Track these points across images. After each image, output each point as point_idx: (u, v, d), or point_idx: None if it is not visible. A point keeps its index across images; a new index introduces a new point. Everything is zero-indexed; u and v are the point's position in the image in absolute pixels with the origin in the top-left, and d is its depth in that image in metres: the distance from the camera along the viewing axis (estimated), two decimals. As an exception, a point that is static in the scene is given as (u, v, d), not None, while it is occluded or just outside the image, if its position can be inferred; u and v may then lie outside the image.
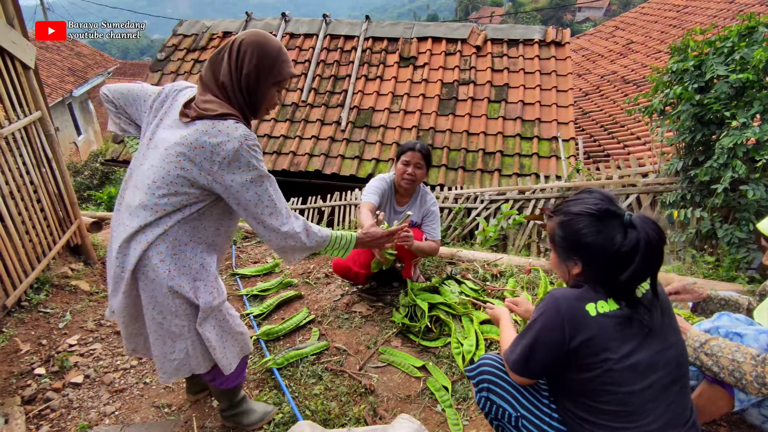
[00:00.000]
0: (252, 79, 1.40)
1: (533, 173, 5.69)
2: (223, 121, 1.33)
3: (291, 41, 7.91)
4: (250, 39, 1.40)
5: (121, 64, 20.68)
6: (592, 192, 1.21)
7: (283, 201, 1.46)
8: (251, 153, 1.35)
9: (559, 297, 1.18)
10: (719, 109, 3.15)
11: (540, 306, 1.21)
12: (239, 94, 1.40)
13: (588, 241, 1.16)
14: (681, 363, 1.19)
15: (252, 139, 1.36)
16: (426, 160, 2.47)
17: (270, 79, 1.42)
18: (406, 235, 2.20)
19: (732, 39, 3.30)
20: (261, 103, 1.45)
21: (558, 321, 1.15)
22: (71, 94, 12.91)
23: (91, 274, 3.06)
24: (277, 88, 1.47)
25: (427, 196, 2.61)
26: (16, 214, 2.51)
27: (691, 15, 10.67)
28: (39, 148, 2.80)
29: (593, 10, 41.15)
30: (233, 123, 1.33)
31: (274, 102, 1.50)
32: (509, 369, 1.29)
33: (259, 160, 1.39)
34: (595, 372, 1.12)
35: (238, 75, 1.39)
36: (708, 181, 3.25)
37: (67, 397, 2.05)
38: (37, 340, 2.39)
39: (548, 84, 6.72)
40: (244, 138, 1.32)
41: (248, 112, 1.45)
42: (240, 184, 1.35)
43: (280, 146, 6.59)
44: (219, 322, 1.51)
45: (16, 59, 2.60)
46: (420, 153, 2.44)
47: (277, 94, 1.48)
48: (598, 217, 1.15)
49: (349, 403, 1.93)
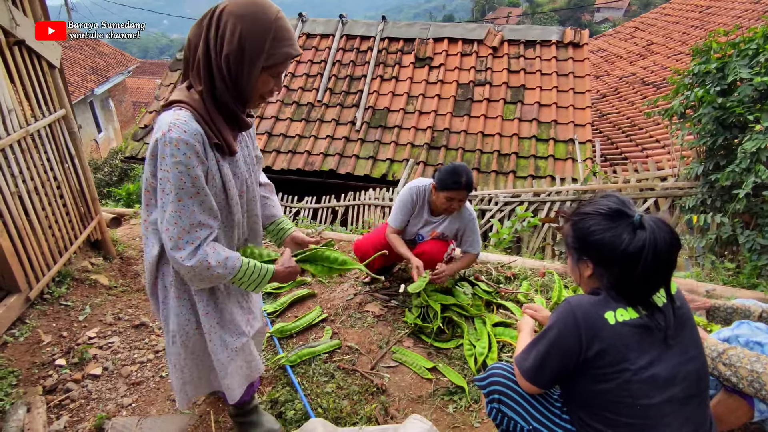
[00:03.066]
0: (234, 62, 1.10)
1: (548, 175, 5.63)
2: (165, 111, 1.14)
3: (307, 41, 7.96)
4: (235, 8, 1.09)
5: (141, 63, 21.10)
6: (608, 196, 1.20)
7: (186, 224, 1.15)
8: (167, 148, 1.08)
9: (576, 304, 1.15)
10: (742, 112, 3.08)
11: (555, 313, 1.19)
12: (219, 79, 1.13)
13: (596, 239, 1.14)
14: (701, 377, 1.16)
15: (176, 131, 1.08)
16: (469, 191, 2.32)
17: (258, 63, 1.12)
18: (437, 278, 2.39)
19: (757, 41, 3.22)
20: (248, 91, 1.16)
21: (574, 329, 1.12)
22: (93, 93, 13.21)
23: (110, 269, 3.13)
24: (271, 73, 1.16)
25: (465, 211, 2.45)
26: (40, 209, 2.58)
27: (714, 16, 10.43)
28: (62, 145, 2.87)
29: (612, 11, 40.48)
30: (171, 112, 1.12)
31: (270, 89, 1.21)
32: (520, 376, 1.26)
33: (177, 162, 1.09)
34: (612, 383, 1.10)
35: (216, 55, 1.11)
36: (729, 185, 3.18)
37: (86, 388, 2.11)
38: (59, 332, 2.46)
39: (565, 85, 6.64)
40: (167, 128, 1.08)
41: (234, 101, 1.18)
42: (158, 179, 1.15)
43: (295, 145, 6.64)
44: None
45: (42, 58, 2.68)
46: (466, 191, 2.30)
47: (272, 80, 1.18)
48: (608, 216, 1.14)
49: (361, 402, 1.94)
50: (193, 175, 1.12)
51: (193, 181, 1.13)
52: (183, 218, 1.14)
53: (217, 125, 1.18)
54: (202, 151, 1.14)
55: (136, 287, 3.03)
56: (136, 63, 17.32)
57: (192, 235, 1.16)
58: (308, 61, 7.62)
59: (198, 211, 1.16)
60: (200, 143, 1.13)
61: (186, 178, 1.11)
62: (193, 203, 1.15)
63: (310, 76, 7.46)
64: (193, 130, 1.11)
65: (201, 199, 1.16)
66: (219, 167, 1.21)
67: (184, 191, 1.12)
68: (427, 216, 2.50)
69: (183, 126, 1.10)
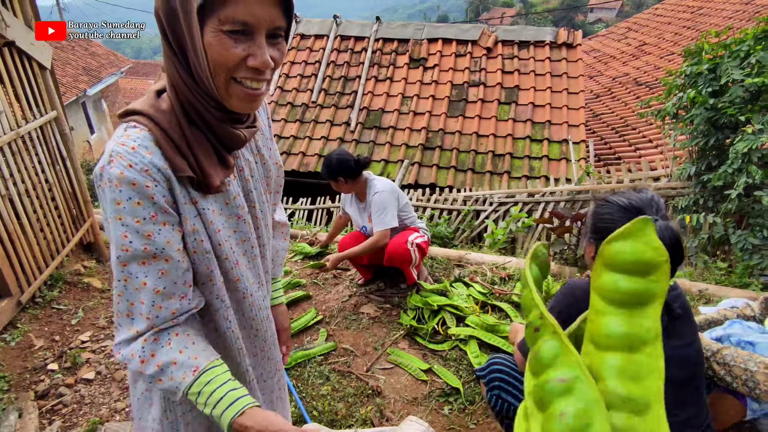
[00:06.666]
0: (165, 15, 0.71)
1: (543, 176, 5.65)
2: (119, 126, 0.78)
3: (302, 42, 7.95)
4: None
5: (134, 64, 20.96)
6: (641, 191, 1.21)
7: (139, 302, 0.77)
8: (106, 189, 0.73)
9: (577, 285, 1.21)
10: (734, 113, 3.11)
11: (557, 294, 1.25)
12: (165, 57, 0.75)
13: (605, 226, 1.17)
14: (697, 363, 1.19)
15: (117, 165, 0.71)
16: (331, 177, 2.48)
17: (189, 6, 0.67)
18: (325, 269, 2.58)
19: (748, 42, 3.25)
20: (199, 64, 0.71)
21: (574, 306, 1.17)
22: (85, 93, 13.10)
23: (103, 272, 3.11)
24: (220, 24, 0.68)
25: (371, 189, 2.52)
26: (31, 211, 2.56)
27: (706, 16, 10.52)
28: (54, 147, 2.85)
29: (606, 11, 40.75)
30: (122, 131, 0.76)
31: (236, 57, 0.70)
32: (522, 360, 1.29)
33: (118, 210, 0.73)
34: None
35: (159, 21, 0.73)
36: (721, 186, 3.20)
37: (79, 392, 2.09)
38: (51, 336, 2.44)
39: (559, 86, 6.67)
40: (108, 158, 0.73)
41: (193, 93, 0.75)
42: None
43: (289, 146, 6.62)
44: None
45: (33, 60, 2.65)
46: (331, 180, 2.50)
47: (227, 38, 0.69)
48: (625, 209, 1.16)
49: (356, 404, 1.94)
50: (144, 232, 0.74)
51: (144, 241, 0.75)
52: (128, 291, 0.77)
53: (191, 148, 0.78)
54: (162, 193, 0.75)
55: (129, 290, 3.01)
56: (129, 64, 17.19)
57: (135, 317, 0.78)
58: (302, 62, 7.60)
59: (152, 285, 0.77)
60: (156, 181, 0.74)
61: (133, 237, 0.74)
62: (145, 272, 0.76)
63: (305, 76, 7.45)
64: (143, 163, 0.73)
65: (161, 267, 0.77)
66: (199, 212, 0.81)
67: (130, 254, 0.75)
68: (357, 204, 2.66)
69: (128, 157, 0.72)
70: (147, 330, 0.78)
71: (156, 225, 0.76)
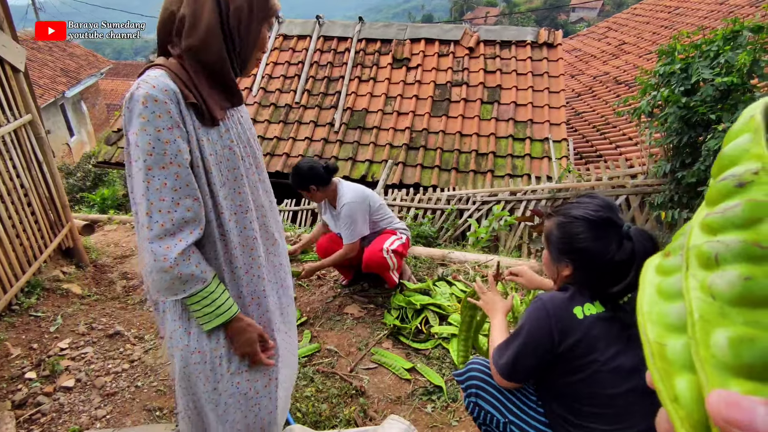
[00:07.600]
0: (244, 14, 1.03)
1: (526, 174, 5.73)
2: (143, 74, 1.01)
3: (284, 42, 7.91)
4: None
5: (115, 65, 20.57)
6: (594, 198, 1.21)
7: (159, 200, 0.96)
8: (134, 107, 0.95)
9: (547, 301, 1.19)
10: (705, 111, 3.20)
11: (528, 311, 1.22)
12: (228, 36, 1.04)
13: (582, 246, 1.16)
14: None
15: (144, 87, 0.95)
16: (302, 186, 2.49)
17: (260, 13, 1.07)
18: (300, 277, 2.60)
19: (717, 42, 3.35)
20: (253, 47, 1.09)
21: (546, 325, 1.16)
22: (64, 95, 12.82)
23: (83, 278, 3.06)
24: (268, 25, 1.12)
25: (341, 199, 2.53)
26: (6, 217, 2.51)
27: (682, 16, 10.76)
28: (29, 151, 2.79)
29: (587, 11, 41.36)
30: (144, 75, 1.00)
31: (265, 44, 1.13)
32: (496, 373, 1.29)
33: (144, 122, 0.94)
34: (582, 374, 1.14)
35: (226, 9, 1.02)
36: (695, 182, 3.30)
37: (58, 401, 2.06)
38: (28, 344, 2.39)
39: (540, 85, 6.76)
40: (136, 86, 0.96)
41: (237, 59, 1.08)
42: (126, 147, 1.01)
43: (273, 148, 6.59)
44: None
45: (5, 62, 2.60)
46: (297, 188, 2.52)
47: (267, 33, 1.13)
48: (596, 224, 1.15)
49: (340, 405, 1.95)
50: (164, 138, 0.94)
51: (164, 147, 0.94)
52: (150, 192, 0.95)
53: (197, 86, 1.02)
54: (176, 112, 0.97)
55: (110, 295, 2.97)
56: (109, 65, 16.86)
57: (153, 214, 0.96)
58: (285, 63, 7.56)
59: (171, 185, 0.96)
60: (173, 101, 0.96)
61: (155, 143, 0.94)
62: (165, 175, 0.95)
63: (288, 77, 7.41)
64: (163, 84, 0.96)
65: (176, 171, 0.96)
66: (198, 137, 1.02)
67: (153, 159, 0.94)
68: (330, 210, 2.68)
69: (152, 81, 0.95)
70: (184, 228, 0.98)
71: (172, 135, 0.96)
